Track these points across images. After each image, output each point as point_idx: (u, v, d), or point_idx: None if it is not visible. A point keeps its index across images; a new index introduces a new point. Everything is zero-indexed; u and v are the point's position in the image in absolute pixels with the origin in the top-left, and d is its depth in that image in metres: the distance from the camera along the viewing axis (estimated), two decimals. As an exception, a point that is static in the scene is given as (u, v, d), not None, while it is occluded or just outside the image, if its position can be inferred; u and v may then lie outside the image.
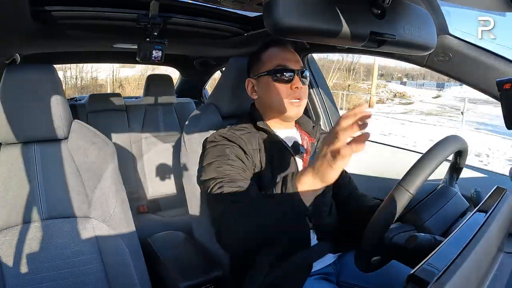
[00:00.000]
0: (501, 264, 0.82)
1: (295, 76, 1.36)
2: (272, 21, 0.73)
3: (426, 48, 1.01)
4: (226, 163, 1.29)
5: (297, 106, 1.38)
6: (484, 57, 1.35)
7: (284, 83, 1.36)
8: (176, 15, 1.78)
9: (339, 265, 1.47)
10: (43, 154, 1.34)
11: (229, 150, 1.32)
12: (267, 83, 1.38)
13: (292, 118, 1.44)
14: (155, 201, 3.03)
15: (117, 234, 1.36)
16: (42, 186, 1.31)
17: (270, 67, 1.37)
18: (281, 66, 1.36)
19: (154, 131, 3.14)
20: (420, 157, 1.05)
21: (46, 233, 1.29)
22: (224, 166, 1.28)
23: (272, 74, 1.36)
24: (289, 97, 1.36)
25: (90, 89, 17.04)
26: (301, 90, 1.37)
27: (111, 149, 1.42)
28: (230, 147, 1.33)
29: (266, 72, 1.38)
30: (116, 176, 1.41)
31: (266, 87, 1.39)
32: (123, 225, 1.39)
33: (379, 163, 2.08)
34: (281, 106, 1.37)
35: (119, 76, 18.31)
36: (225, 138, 1.35)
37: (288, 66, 1.36)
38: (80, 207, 1.34)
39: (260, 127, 1.41)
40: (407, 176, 1.01)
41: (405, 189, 0.99)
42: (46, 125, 1.32)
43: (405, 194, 0.99)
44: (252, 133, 1.40)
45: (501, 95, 0.96)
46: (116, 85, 16.85)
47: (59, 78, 1.37)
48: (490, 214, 0.82)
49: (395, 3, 0.86)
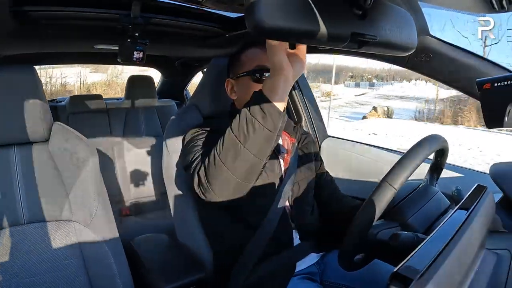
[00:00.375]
0: (483, 260, 0.84)
1: None
2: (254, 22, 0.72)
3: (407, 48, 1.01)
4: (206, 142, 1.30)
5: None
6: (464, 58, 1.37)
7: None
8: (157, 15, 1.77)
9: (323, 264, 1.48)
10: (24, 156, 1.32)
11: (208, 135, 1.33)
12: (246, 83, 1.38)
13: None
14: (137, 203, 3.01)
15: (100, 237, 1.35)
16: (23, 189, 1.29)
17: (249, 68, 1.38)
18: (260, 66, 1.36)
19: (135, 133, 3.11)
20: (404, 154, 1.05)
21: (28, 237, 1.27)
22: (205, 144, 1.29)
23: (251, 75, 1.37)
24: None
25: (59, 95, 16.71)
26: None
27: (92, 151, 1.40)
28: (209, 132, 1.35)
29: (245, 73, 1.38)
30: (98, 179, 1.39)
31: (245, 87, 1.39)
32: (105, 228, 1.37)
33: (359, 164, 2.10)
34: None
35: (86, 82, 18.17)
36: (205, 130, 1.36)
37: (267, 66, 1.35)
38: (61, 210, 1.32)
39: None
40: (392, 172, 1.01)
41: (390, 184, 0.99)
42: (26, 127, 1.30)
43: (389, 190, 0.99)
44: None
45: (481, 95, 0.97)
46: (84, 90, 16.68)
47: (39, 79, 1.35)
48: (472, 212, 0.83)
49: (376, 4, 0.86)
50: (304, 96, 2.43)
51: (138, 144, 3.09)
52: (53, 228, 1.30)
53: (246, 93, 1.38)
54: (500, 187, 1.09)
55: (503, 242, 0.95)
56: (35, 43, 2.05)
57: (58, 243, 1.30)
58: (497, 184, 1.10)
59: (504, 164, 1.18)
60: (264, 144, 1.04)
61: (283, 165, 1.43)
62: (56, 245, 1.29)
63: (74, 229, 1.32)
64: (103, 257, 1.34)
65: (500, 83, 0.92)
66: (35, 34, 1.77)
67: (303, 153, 1.54)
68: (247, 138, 1.02)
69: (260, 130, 1.01)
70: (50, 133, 1.37)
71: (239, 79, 1.42)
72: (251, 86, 1.36)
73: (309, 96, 2.47)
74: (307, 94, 2.45)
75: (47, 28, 1.69)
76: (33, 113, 1.30)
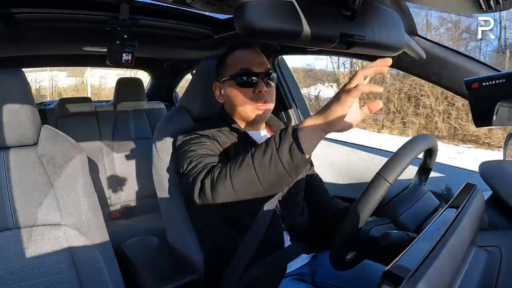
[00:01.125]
0: (474, 258, 0.84)
1: (259, 79, 1.36)
2: (243, 23, 0.73)
3: (395, 49, 1.02)
4: (201, 147, 1.28)
5: (263, 109, 1.38)
6: (452, 57, 1.38)
7: (248, 87, 1.36)
8: (146, 17, 1.76)
9: (314, 265, 1.49)
10: (12, 160, 1.30)
11: (203, 139, 1.32)
12: (231, 87, 1.38)
13: (259, 121, 1.44)
14: (127, 206, 2.98)
15: (90, 240, 1.33)
16: (12, 193, 1.28)
17: (233, 71, 1.38)
18: (244, 69, 1.36)
19: (125, 135, 3.09)
20: (398, 149, 1.05)
21: (17, 242, 1.26)
22: (201, 148, 1.27)
23: (235, 78, 1.36)
24: (253, 101, 1.36)
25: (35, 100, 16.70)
26: (267, 93, 1.37)
27: (82, 154, 1.39)
28: (203, 136, 1.33)
29: (229, 77, 1.38)
30: (87, 182, 1.38)
31: (230, 91, 1.39)
32: (96, 231, 1.36)
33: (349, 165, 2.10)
34: (246, 110, 1.37)
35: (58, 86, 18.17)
36: (197, 133, 1.35)
37: (251, 69, 1.36)
38: (51, 214, 1.30)
39: (233, 127, 1.41)
40: (386, 166, 1.01)
41: (384, 178, 0.99)
42: (15, 130, 1.28)
43: (384, 184, 0.99)
44: (223, 131, 1.40)
45: (469, 94, 0.98)
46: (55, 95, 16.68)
47: (27, 82, 1.34)
48: (461, 210, 0.84)
49: (365, 5, 0.87)
50: (293, 95, 2.44)
51: (127, 147, 3.06)
52: (43, 232, 1.29)
53: (233, 97, 1.38)
54: (489, 185, 1.10)
55: (493, 239, 0.96)
56: (21, 46, 2.02)
57: (48, 247, 1.28)
58: (486, 182, 1.11)
59: (493, 162, 1.19)
60: (278, 182, 1.01)
61: None
62: (46, 249, 1.28)
63: (64, 233, 1.31)
64: (94, 261, 1.33)
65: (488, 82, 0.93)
66: (22, 36, 1.75)
67: None
68: (265, 174, 0.99)
69: (281, 172, 0.97)
70: (39, 136, 1.36)
71: (224, 82, 1.41)
72: (235, 90, 1.37)
73: (298, 95, 2.47)
74: (296, 94, 2.45)
75: (33, 30, 1.67)
76: (22, 116, 1.29)
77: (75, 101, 3.06)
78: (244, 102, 1.37)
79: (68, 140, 1.40)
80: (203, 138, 1.32)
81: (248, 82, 1.36)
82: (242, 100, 1.37)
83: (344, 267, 1.10)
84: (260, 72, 1.37)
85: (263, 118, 1.41)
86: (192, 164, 1.22)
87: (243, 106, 1.37)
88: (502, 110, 0.97)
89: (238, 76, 1.36)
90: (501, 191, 1.05)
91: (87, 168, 1.39)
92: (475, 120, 1.00)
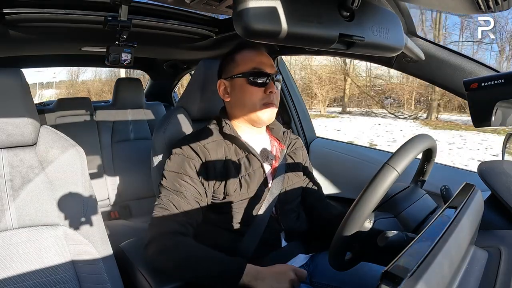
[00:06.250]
0: (473, 257, 0.84)
1: (270, 80, 1.36)
2: (242, 24, 0.72)
3: (394, 49, 1.02)
4: (183, 178, 1.33)
5: (270, 110, 1.38)
6: (451, 58, 1.38)
7: (259, 87, 1.35)
8: (145, 17, 1.76)
9: (312, 265, 1.49)
10: (11, 160, 1.30)
11: (191, 165, 1.34)
12: (242, 85, 1.37)
13: (264, 123, 1.43)
14: (126, 207, 2.99)
15: (89, 241, 1.33)
16: (11, 194, 1.27)
17: (245, 70, 1.37)
18: (257, 69, 1.36)
19: (123, 136, 3.09)
20: (405, 142, 1.04)
21: (17, 243, 1.25)
22: (180, 181, 1.33)
23: (248, 77, 1.35)
24: (262, 101, 1.36)
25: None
26: (275, 95, 1.37)
27: (80, 154, 1.38)
28: (192, 159, 1.34)
29: (241, 74, 1.37)
30: (86, 182, 1.38)
31: (240, 89, 1.38)
32: (94, 232, 1.35)
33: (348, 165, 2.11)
34: (255, 110, 1.37)
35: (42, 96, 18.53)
36: (190, 148, 1.35)
37: (264, 70, 1.36)
38: (50, 214, 1.30)
39: (227, 133, 1.40)
40: (395, 155, 1.00)
41: (393, 167, 0.97)
42: (14, 130, 1.28)
43: (392, 172, 0.97)
44: (218, 141, 1.39)
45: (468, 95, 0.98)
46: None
47: (26, 82, 1.34)
48: (460, 210, 0.84)
49: (363, 6, 0.87)
50: (292, 97, 2.43)
51: (126, 147, 3.06)
52: (42, 232, 1.28)
53: (242, 95, 1.37)
54: (488, 185, 1.10)
55: (492, 239, 0.96)
56: (20, 46, 2.03)
57: (47, 247, 1.28)
58: (485, 182, 1.11)
59: (492, 162, 1.19)
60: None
61: (270, 171, 1.43)
62: (45, 250, 1.28)
63: (63, 233, 1.31)
64: (93, 261, 1.33)
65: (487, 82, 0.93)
66: (20, 37, 1.75)
67: (292, 159, 1.54)
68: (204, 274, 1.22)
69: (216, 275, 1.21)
70: (38, 136, 1.36)
71: (233, 80, 1.40)
72: (246, 88, 1.36)
73: (297, 97, 2.47)
74: (295, 96, 2.45)
75: (32, 30, 1.68)
76: (20, 116, 1.28)
77: (74, 101, 3.06)
78: (254, 101, 1.37)
79: (67, 140, 1.39)
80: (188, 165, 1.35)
81: (260, 82, 1.35)
82: (252, 99, 1.37)
83: (343, 267, 1.09)
84: (271, 73, 1.37)
85: (269, 119, 1.41)
86: (161, 202, 1.34)
87: (253, 106, 1.37)
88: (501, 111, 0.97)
89: (251, 75, 1.36)
90: (499, 191, 1.05)
91: (86, 168, 1.39)
92: (474, 121, 0.99)
